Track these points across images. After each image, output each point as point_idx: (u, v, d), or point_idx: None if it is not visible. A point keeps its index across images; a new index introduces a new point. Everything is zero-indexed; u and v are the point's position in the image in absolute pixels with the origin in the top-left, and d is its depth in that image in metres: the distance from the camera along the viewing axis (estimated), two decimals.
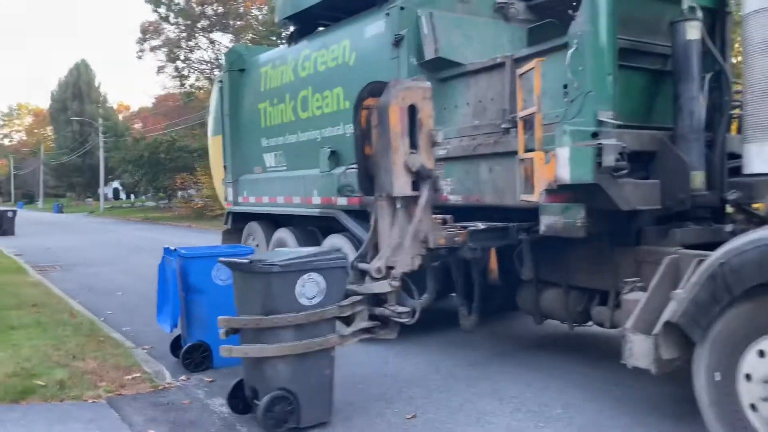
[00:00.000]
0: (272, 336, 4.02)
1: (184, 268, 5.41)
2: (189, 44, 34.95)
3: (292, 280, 4.04)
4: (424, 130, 4.59)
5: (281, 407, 4.00)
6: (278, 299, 4.02)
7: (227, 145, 8.89)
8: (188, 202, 36.61)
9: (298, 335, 4.04)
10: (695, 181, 4.41)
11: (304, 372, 4.09)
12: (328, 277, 4.18)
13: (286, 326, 4.02)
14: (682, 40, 4.48)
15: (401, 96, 4.52)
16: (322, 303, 4.14)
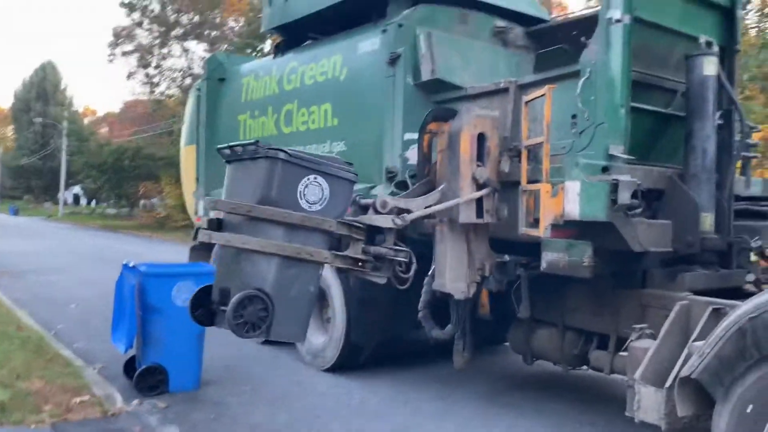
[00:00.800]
0: (261, 230, 3.64)
1: (143, 286, 5.06)
2: (162, 51, 34.34)
3: (296, 175, 3.70)
4: (492, 159, 4.62)
5: (254, 309, 3.55)
6: (277, 192, 3.66)
7: (201, 157, 8.44)
8: (151, 212, 35.66)
9: (289, 236, 3.67)
10: (705, 224, 4.23)
11: (286, 279, 3.69)
12: (334, 186, 3.84)
13: (279, 222, 3.65)
14: (699, 76, 4.32)
15: (473, 123, 4.55)
16: (321, 212, 3.79)
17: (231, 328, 3.57)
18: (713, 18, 4.84)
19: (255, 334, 3.63)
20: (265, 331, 3.63)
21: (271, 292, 3.63)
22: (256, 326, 3.59)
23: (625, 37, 4.11)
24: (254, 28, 24.00)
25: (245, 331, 3.57)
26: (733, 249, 4.44)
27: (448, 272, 4.69)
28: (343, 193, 3.97)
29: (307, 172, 3.75)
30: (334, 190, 3.86)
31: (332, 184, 3.85)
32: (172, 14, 32.59)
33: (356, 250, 4.12)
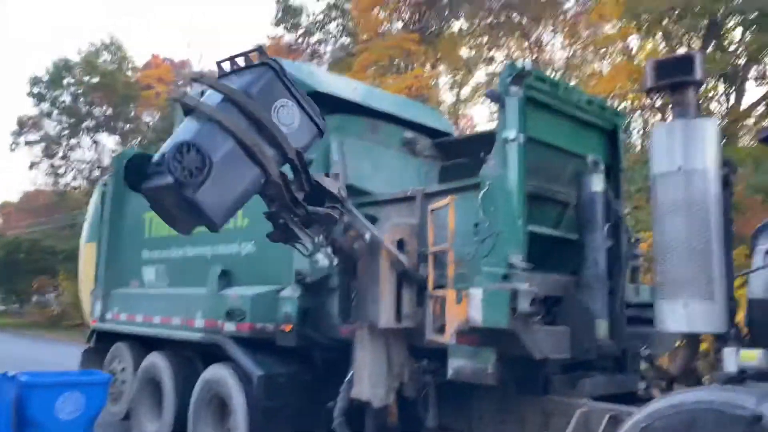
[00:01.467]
0: (232, 114, 3.91)
1: (22, 398, 4.59)
2: (70, 142, 33.45)
3: (279, 91, 3.98)
4: (410, 265, 4.71)
5: (195, 159, 3.67)
6: (257, 93, 4.00)
7: (102, 254, 8.07)
8: (43, 309, 33.18)
9: (251, 132, 3.95)
10: (600, 330, 4.42)
11: (232, 161, 3.89)
12: (303, 124, 4.12)
13: (249, 115, 3.90)
14: (588, 192, 4.66)
15: (392, 230, 4.71)
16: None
17: (168, 163, 3.60)
18: (599, 139, 5.32)
19: (186, 180, 3.62)
20: (196, 184, 3.66)
21: (215, 160, 3.72)
22: (192, 174, 3.64)
23: (519, 154, 4.42)
24: (169, 124, 23.95)
25: (181, 173, 3.60)
26: (627, 354, 4.65)
27: (367, 379, 4.64)
28: (309, 135, 4.20)
29: (289, 95, 3.99)
30: (302, 127, 4.06)
31: (303, 120, 4.05)
32: (84, 106, 32.09)
33: (298, 191, 4.22)
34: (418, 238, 4.84)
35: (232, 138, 3.84)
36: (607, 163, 5.28)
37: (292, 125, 4.04)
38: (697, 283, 3.55)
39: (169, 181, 3.65)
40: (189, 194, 3.65)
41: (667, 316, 3.67)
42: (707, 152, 3.67)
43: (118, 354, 7.66)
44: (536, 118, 4.63)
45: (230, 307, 5.87)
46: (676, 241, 3.60)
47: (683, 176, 3.64)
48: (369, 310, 4.65)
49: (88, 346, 8.24)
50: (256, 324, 5.66)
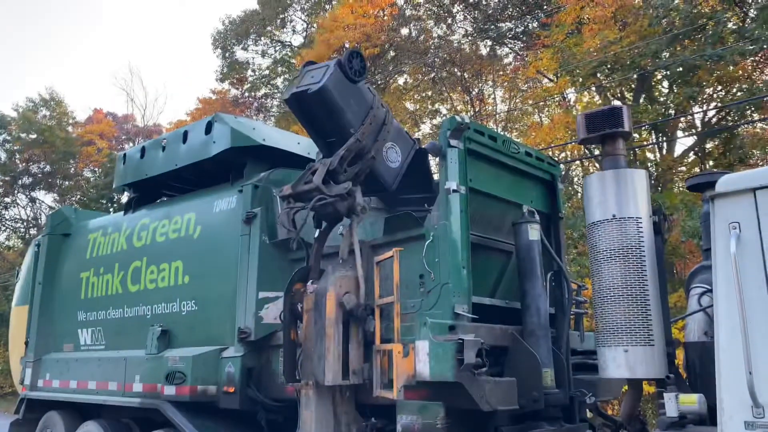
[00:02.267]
0: None
1: None
2: (5, 200, 32.16)
3: None
4: (358, 318, 4.64)
5: None
6: None
7: (34, 317, 7.66)
8: None
9: None
10: (546, 379, 4.41)
11: None
12: None
13: None
14: (525, 240, 4.73)
15: (338, 284, 4.64)
16: None
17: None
18: (538, 189, 5.46)
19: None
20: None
21: (357, 82, 4.95)
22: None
23: (462, 204, 4.48)
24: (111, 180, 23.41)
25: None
26: (575, 403, 4.64)
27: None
28: (391, 179, 5.28)
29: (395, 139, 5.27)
30: (394, 171, 5.25)
31: (399, 167, 5.22)
32: (20, 163, 31.05)
33: (347, 173, 4.89)
34: (364, 291, 4.79)
35: (370, 103, 4.91)
36: (546, 211, 5.41)
37: (390, 164, 5.08)
38: (636, 329, 3.61)
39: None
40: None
41: (609, 362, 3.71)
42: (639, 200, 3.80)
43: (49, 424, 7.19)
44: (477, 169, 4.73)
45: (170, 370, 5.61)
46: (613, 288, 3.68)
47: (617, 224, 3.75)
48: (315, 367, 4.53)
49: (17, 417, 7.70)
50: (197, 386, 5.42)
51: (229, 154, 6.03)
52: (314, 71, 4.95)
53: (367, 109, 4.96)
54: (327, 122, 4.90)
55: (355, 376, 4.57)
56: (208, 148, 6.18)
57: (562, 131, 15.93)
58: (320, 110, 4.84)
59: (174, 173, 6.62)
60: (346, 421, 4.57)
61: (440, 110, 23.03)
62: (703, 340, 3.56)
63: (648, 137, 16.04)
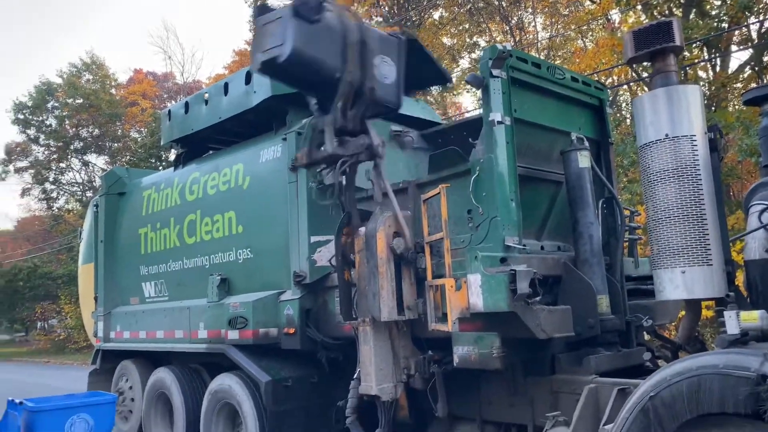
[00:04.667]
0: None
1: (31, 424, 4.58)
2: (60, 166, 33.33)
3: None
4: (408, 257, 4.67)
5: None
6: None
7: (100, 274, 8.05)
8: (49, 334, 33.12)
9: None
10: (601, 305, 4.41)
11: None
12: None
13: None
14: (575, 169, 4.65)
15: (388, 223, 4.67)
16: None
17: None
18: (586, 115, 5.30)
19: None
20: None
21: (323, 19, 4.46)
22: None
23: (507, 136, 4.41)
24: (158, 139, 23.90)
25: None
26: (631, 328, 4.63)
27: (374, 374, 4.64)
28: (394, 98, 4.71)
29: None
30: (393, 86, 4.55)
31: (397, 83, 4.57)
32: (70, 129, 31.94)
33: (349, 113, 4.70)
34: (412, 229, 4.83)
35: (341, 33, 4.39)
36: (595, 137, 5.27)
37: (387, 80, 4.57)
38: (694, 250, 3.54)
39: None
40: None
41: (665, 285, 3.66)
42: (693, 117, 3.66)
43: (124, 372, 7.64)
44: (521, 98, 4.62)
45: (232, 315, 5.85)
46: (668, 210, 3.59)
47: (670, 143, 3.63)
48: (370, 304, 4.64)
49: (94, 368, 8.21)
50: (258, 330, 5.65)
51: (270, 103, 6.05)
52: (271, 25, 4.46)
53: (342, 39, 4.50)
54: (309, 77, 4.63)
55: (409, 311, 4.66)
56: (250, 99, 6.21)
57: (608, 55, 15.31)
58: (297, 70, 4.53)
59: (219, 126, 6.71)
60: (404, 355, 4.70)
61: (479, 43, 22.39)
62: (764, 257, 3.47)
63: (699, 54, 15.25)
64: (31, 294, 31.28)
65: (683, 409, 3.00)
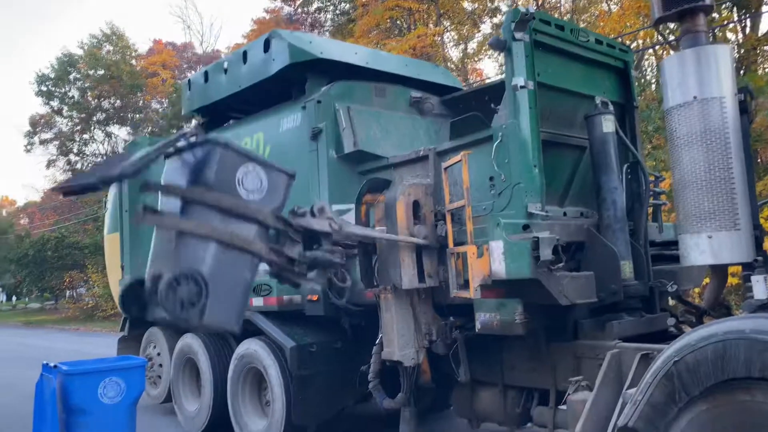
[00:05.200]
0: (197, 213, 3.54)
1: (66, 387, 4.73)
2: (83, 137, 33.69)
3: (234, 163, 3.69)
4: (428, 225, 4.72)
5: (188, 287, 3.37)
6: (215, 177, 3.58)
7: (125, 243, 8.19)
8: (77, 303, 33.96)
9: (224, 222, 3.58)
10: (625, 271, 4.38)
11: (222, 263, 3.56)
12: (272, 178, 3.86)
13: (213, 206, 3.55)
14: (599, 133, 4.57)
15: (407, 192, 4.68)
16: (259, 203, 3.75)
17: (163, 304, 3.34)
18: (610, 79, 5.20)
19: (188, 314, 3.40)
20: (198, 311, 3.43)
21: (206, 274, 3.48)
22: (189, 305, 3.39)
23: (530, 101, 4.34)
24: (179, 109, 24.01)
25: (179, 309, 3.35)
26: (655, 293, 4.61)
27: (397, 340, 4.70)
28: (282, 186, 3.97)
29: (247, 159, 3.74)
30: (272, 182, 3.85)
31: (270, 175, 3.84)
32: (93, 100, 32.18)
33: (291, 249, 4.03)
34: (433, 198, 4.82)
35: (211, 241, 3.56)
36: (620, 101, 5.17)
37: (262, 188, 3.83)
38: (721, 214, 3.48)
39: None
40: (196, 323, 3.52)
41: (691, 250, 3.62)
42: (722, 79, 3.56)
43: (152, 339, 7.82)
44: (545, 62, 4.53)
45: (256, 283, 5.93)
46: (695, 173, 3.53)
47: (699, 105, 3.55)
48: (391, 273, 4.67)
49: (123, 335, 8.42)
50: (283, 297, 5.73)
51: (289, 71, 6.02)
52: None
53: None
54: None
55: (430, 279, 4.69)
56: (269, 67, 6.18)
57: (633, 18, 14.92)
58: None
59: (238, 95, 6.69)
60: (425, 321, 4.74)
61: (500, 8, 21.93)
62: None
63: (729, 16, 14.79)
64: (59, 263, 32.00)
65: (708, 374, 2.98)
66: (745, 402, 2.93)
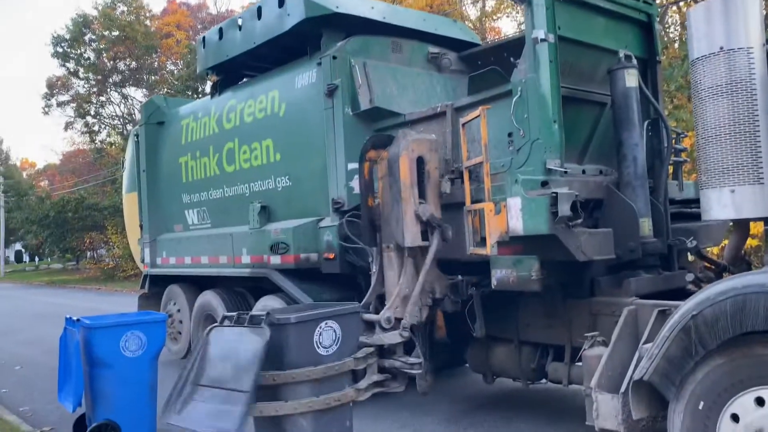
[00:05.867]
0: (288, 392, 3.77)
1: (88, 340, 4.81)
2: (100, 99, 33.73)
3: (309, 329, 3.84)
4: (432, 181, 4.70)
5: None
6: (296, 352, 3.78)
7: (144, 203, 8.27)
8: (98, 263, 34.55)
9: (316, 389, 3.80)
10: (644, 229, 4.34)
11: (324, 426, 3.85)
12: (344, 324, 4.00)
13: (304, 381, 3.77)
14: (622, 88, 4.47)
15: (411, 148, 4.64)
16: (338, 353, 3.93)
17: None
18: (633, 33, 5.06)
19: None
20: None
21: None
22: None
23: (551, 55, 4.25)
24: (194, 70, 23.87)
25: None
26: (673, 251, 4.57)
27: (400, 298, 4.70)
28: (355, 324, 4.18)
29: (318, 321, 3.89)
30: (346, 326, 4.00)
31: (343, 322, 3.99)
32: (108, 61, 32.09)
33: (373, 370, 4.39)
34: (437, 154, 4.76)
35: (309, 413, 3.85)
36: (643, 56, 5.05)
37: (337, 337, 4.00)
38: (744, 168, 3.41)
39: None
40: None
41: (713, 204, 3.56)
42: (750, 29, 3.44)
43: (172, 296, 7.95)
44: (566, 14, 4.42)
45: (274, 241, 5.98)
46: (720, 127, 3.45)
47: (725, 56, 3.44)
48: (394, 230, 4.66)
49: (143, 292, 8.57)
50: (300, 255, 5.77)
51: (304, 26, 5.93)
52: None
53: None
54: None
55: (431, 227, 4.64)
56: (283, 22, 6.10)
57: None
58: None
59: (253, 52, 6.63)
60: (429, 279, 4.73)
61: None
62: None
63: None
64: (79, 224, 32.42)
65: (726, 327, 2.98)
66: (763, 356, 2.92)
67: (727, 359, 3.07)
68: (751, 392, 2.96)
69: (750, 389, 2.96)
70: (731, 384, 3.04)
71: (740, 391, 3.00)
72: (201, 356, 3.92)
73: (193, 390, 3.83)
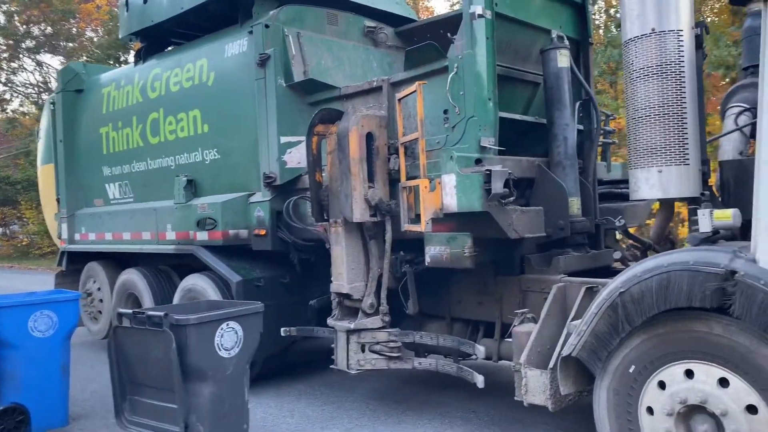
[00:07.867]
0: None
1: None
2: (11, 65, 31.56)
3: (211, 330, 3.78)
4: (381, 157, 4.62)
5: None
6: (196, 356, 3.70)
7: (61, 175, 7.77)
8: (10, 240, 32.62)
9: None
10: (573, 208, 4.42)
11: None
12: (246, 324, 3.94)
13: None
14: (554, 68, 4.51)
15: (361, 123, 4.55)
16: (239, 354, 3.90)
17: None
18: (567, 14, 5.10)
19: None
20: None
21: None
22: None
23: (488, 31, 4.22)
24: (115, 38, 22.66)
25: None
26: (600, 230, 4.69)
27: (346, 273, 4.64)
28: (256, 323, 4.09)
29: (220, 321, 3.80)
30: (247, 327, 3.95)
31: (244, 322, 3.92)
32: (21, 25, 30.01)
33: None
34: (386, 131, 4.70)
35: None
36: (576, 37, 5.11)
37: (239, 339, 3.96)
38: (672, 149, 3.52)
39: None
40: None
41: (641, 184, 3.66)
42: (681, 10, 3.53)
43: (91, 273, 7.56)
44: None
45: (200, 216, 5.75)
46: (649, 108, 3.53)
47: (656, 38, 3.51)
48: (342, 205, 4.58)
49: (60, 270, 8.11)
50: (228, 231, 5.58)
51: None
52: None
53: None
54: None
55: (380, 212, 4.62)
56: None
57: None
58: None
59: (181, 18, 6.31)
60: (377, 255, 4.70)
61: None
62: (738, 158, 3.47)
63: None
64: None
65: (651, 304, 3.06)
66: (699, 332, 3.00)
67: (650, 335, 3.16)
68: (681, 364, 3.06)
69: (681, 361, 3.06)
70: (664, 354, 3.12)
71: (672, 362, 3.09)
72: (121, 356, 3.93)
73: (133, 389, 3.89)
